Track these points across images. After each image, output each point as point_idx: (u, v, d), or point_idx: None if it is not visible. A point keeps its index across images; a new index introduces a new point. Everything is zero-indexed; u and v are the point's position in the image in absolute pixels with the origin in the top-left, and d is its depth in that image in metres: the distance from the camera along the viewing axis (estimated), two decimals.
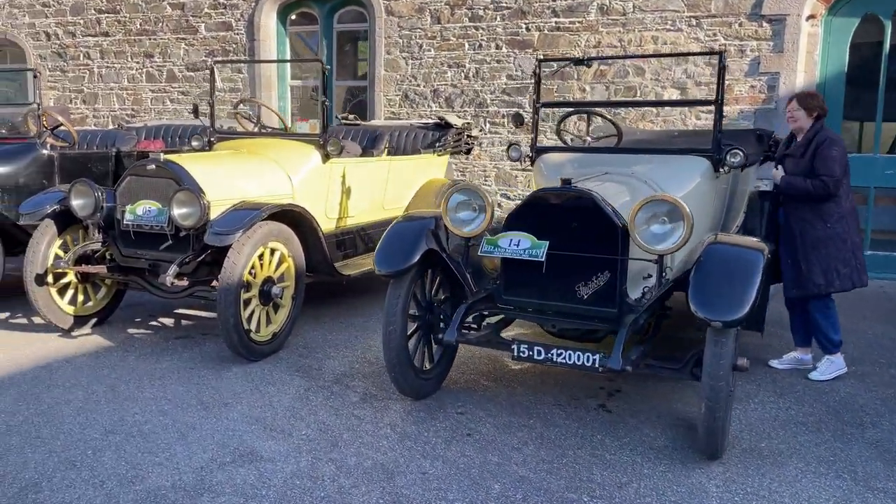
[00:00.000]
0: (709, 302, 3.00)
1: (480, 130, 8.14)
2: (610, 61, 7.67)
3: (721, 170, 4.01)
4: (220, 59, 9.70)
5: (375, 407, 3.68)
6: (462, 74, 8.65)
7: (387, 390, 3.89)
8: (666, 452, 3.24)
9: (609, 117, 4.56)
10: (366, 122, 7.82)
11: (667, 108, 7.65)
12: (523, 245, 3.37)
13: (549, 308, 3.42)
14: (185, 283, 4.30)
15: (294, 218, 4.61)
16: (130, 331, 4.95)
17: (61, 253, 4.74)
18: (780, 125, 6.15)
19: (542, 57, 8.18)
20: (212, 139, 5.59)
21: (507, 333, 3.83)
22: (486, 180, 8.62)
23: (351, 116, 7.53)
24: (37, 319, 5.09)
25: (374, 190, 5.91)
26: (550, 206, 3.36)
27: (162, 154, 4.47)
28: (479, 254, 3.49)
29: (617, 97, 7.89)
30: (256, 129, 5.93)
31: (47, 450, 3.13)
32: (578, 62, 4.35)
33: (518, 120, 4.60)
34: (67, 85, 11.45)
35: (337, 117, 8.00)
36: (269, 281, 4.41)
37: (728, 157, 3.90)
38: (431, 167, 6.72)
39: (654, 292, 3.23)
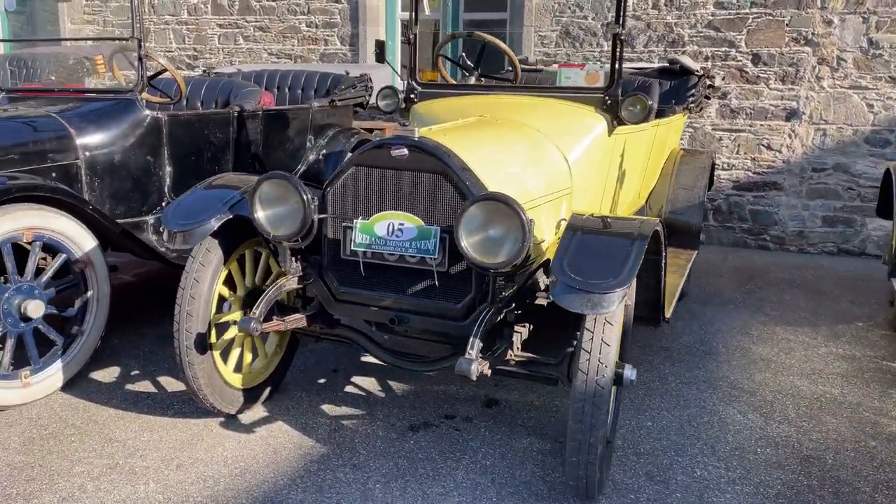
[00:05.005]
0: None
1: (723, 79, 6.09)
2: None
3: None
4: None
5: None
6: (649, 2, 6.56)
7: None
8: None
9: None
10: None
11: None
12: None
13: None
14: (488, 371, 2.38)
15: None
16: (326, 409, 3.09)
17: (226, 292, 2.85)
18: None
19: None
20: (412, 95, 3.64)
21: None
22: None
23: (531, 59, 5.53)
24: (174, 385, 3.24)
25: (639, 169, 3.98)
26: None
27: (417, 129, 2.52)
28: None
29: (878, 34, 5.85)
30: (474, 81, 3.94)
31: None
32: None
33: None
34: (109, 18, 9.34)
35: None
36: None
37: None
38: (676, 133, 4.78)
39: None
